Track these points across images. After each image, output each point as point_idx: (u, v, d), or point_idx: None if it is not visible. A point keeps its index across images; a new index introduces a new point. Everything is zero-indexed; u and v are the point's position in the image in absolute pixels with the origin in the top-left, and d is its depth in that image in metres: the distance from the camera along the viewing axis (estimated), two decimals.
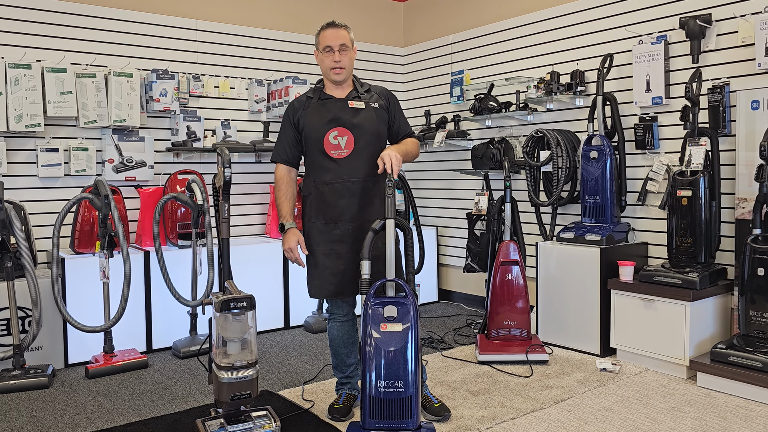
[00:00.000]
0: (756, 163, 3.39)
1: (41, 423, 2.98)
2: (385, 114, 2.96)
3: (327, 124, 2.85)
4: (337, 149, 2.85)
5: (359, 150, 2.85)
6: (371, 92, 2.98)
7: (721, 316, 3.64)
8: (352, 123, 2.86)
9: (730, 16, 3.66)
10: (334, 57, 2.84)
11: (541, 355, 3.73)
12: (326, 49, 2.86)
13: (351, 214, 2.85)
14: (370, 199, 2.89)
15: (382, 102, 2.96)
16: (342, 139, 2.85)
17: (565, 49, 4.57)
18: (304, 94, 2.99)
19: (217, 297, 2.65)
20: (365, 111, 2.90)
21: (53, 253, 3.60)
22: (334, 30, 2.87)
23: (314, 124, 2.87)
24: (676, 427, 2.83)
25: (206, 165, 4.81)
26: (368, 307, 2.60)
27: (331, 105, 2.89)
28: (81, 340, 3.83)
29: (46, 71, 4.05)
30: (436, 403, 2.97)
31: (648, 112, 4.06)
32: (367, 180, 2.86)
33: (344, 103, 2.89)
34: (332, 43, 2.84)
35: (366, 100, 2.93)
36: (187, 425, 2.91)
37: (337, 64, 2.85)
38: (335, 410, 2.94)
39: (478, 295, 5.31)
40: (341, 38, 2.86)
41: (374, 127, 2.89)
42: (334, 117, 2.86)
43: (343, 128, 2.85)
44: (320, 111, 2.88)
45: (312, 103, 2.91)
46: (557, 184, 4.26)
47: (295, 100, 2.98)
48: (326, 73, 2.90)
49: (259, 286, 4.50)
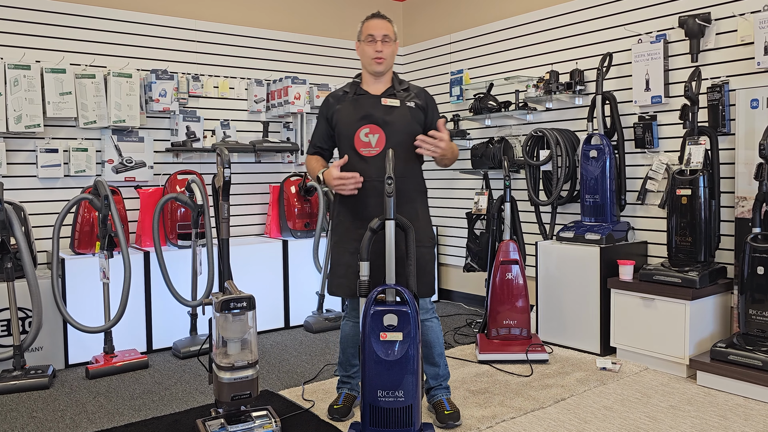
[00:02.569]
0: (755, 162, 3.39)
1: (42, 423, 2.98)
2: (421, 114, 2.87)
3: (359, 121, 2.79)
4: (367, 147, 2.78)
5: (390, 149, 2.75)
6: (409, 91, 2.89)
7: (721, 315, 3.65)
8: (384, 120, 2.78)
9: (729, 15, 3.66)
10: (376, 47, 2.78)
11: (541, 355, 3.74)
12: (368, 38, 2.80)
13: (379, 213, 2.75)
14: (399, 200, 2.81)
15: (419, 101, 2.87)
16: (373, 136, 2.78)
17: (564, 48, 4.57)
18: (341, 88, 2.93)
19: (217, 297, 2.65)
20: (399, 109, 2.82)
21: (53, 254, 3.60)
22: (380, 20, 2.83)
23: (346, 121, 2.82)
24: (676, 426, 2.84)
25: (206, 165, 4.81)
26: (368, 315, 2.52)
27: (364, 101, 2.83)
28: (81, 341, 3.83)
29: (46, 72, 4.05)
30: (448, 410, 2.88)
31: (647, 111, 4.06)
32: (397, 180, 2.77)
33: (378, 100, 2.82)
34: (375, 32, 2.79)
35: (402, 98, 2.84)
36: (187, 425, 2.91)
37: (378, 54, 2.78)
38: (335, 410, 2.93)
39: (478, 294, 5.31)
40: (385, 29, 2.81)
41: (407, 127, 2.81)
42: (367, 114, 2.79)
43: (375, 126, 2.78)
44: (353, 107, 2.82)
45: (347, 98, 2.86)
46: (557, 183, 4.26)
47: (330, 95, 2.93)
48: (367, 63, 2.83)
49: (259, 286, 4.50)
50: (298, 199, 4.78)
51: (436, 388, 2.98)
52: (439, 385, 2.98)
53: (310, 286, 4.79)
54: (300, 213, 4.78)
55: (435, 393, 2.97)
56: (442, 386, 2.98)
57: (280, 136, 5.17)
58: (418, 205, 2.90)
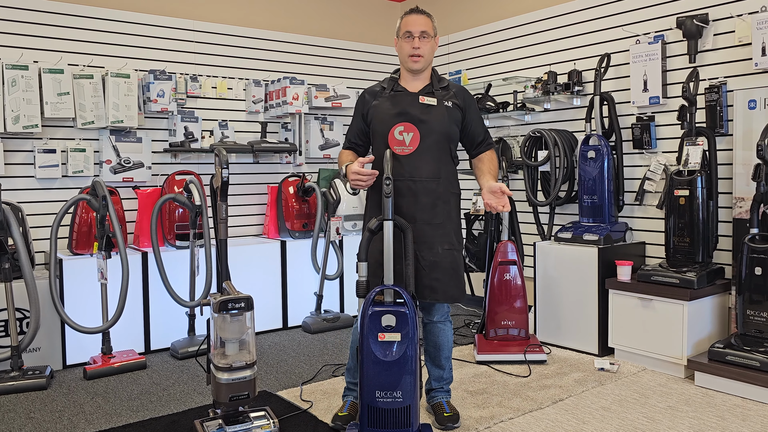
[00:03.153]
0: (753, 163, 3.39)
1: (39, 424, 2.97)
2: (459, 114, 2.79)
3: (394, 118, 2.71)
4: (401, 145, 2.70)
5: (425, 148, 2.70)
6: (448, 89, 2.81)
7: (719, 316, 3.65)
8: (420, 119, 2.70)
9: (726, 16, 3.67)
10: (413, 43, 2.70)
11: (539, 355, 3.74)
12: (406, 34, 2.72)
13: (410, 214, 2.69)
14: (432, 201, 2.72)
15: (458, 101, 2.79)
16: (408, 135, 2.70)
17: (562, 49, 4.57)
18: (378, 83, 2.85)
19: (216, 298, 2.65)
20: (437, 108, 2.73)
21: (51, 254, 3.60)
22: (418, 16, 2.73)
23: (381, 117, 2.74)
24: (674, 427, 2.84)
25: (204, 166, 4.81)
26: (366, 315, 2.50)
27: (401, 98, 2.75)
28: (79, 342, 3.83)
29: (44, 72, 4.04)
30: (447, 412, 2.86)
31: (645, 112, 4.07)
32: (430, 181, 2.72)
33: (415, 98, 2.74)
34: (413, 28, 2.70)
35: (440, 96, 2.76)
36: (185, 426, 2.91)
37: (416, 51, 2.70)
38: (339, 418, 2.84)
39: (477, 295, 5.31)
40: (424, 25, 2.72)
41: (444, 126, 2.73)
42: (402, 111, 2.71)
43: (410, 124, 2.70)
44: (390, 103, 2.74)
45: (384, 94, 2.78)
46: (555, 183, 4.27)
47: (366, 91, 2.85)
48: (404, 60, 2.76)
49: (258, 287, 4.50)
50: (296, 200, 4.77)
51: (437, 390, 2.96)
52: (440, 388, 2.96)
53: (308, 287, 4.78)
54: (298, 214, 4.77)
55: (435, 395, 2.95)
56: (444, 389, 2.97)
57: (279, 137, 5.17)
58: (451, 207, 2.82)
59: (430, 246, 2.72)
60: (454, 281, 2.76)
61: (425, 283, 2.72)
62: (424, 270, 2.71)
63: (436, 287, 2.72)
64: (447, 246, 2.75)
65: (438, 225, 2.74)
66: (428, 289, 2.73)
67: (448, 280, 2.75)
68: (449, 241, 2.76)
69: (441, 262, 2.72)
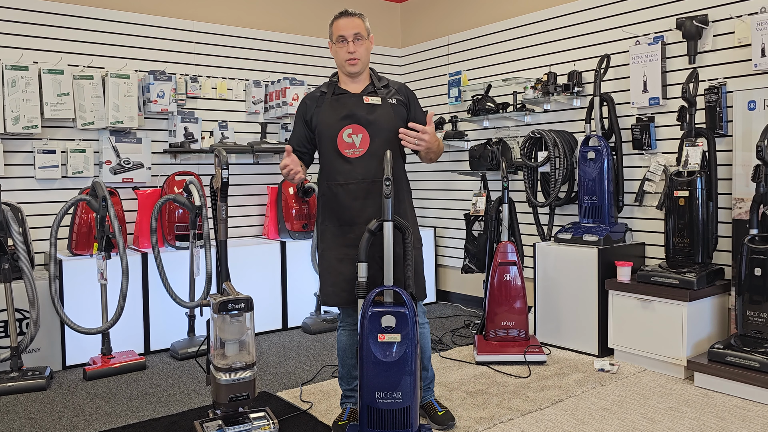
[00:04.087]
0: (753, 164, 3.39)
1: (39, 425, 2.97)
2: (404, 110, 2.78)
3: (340, 121, 2.69)
4: (351, 148, 2.68)
5: (375, 149, 2.68)
6: (389, 87, 2.79)
7: (719, 316, 3.65)
8: (367, 120, 2.68)
9: (726, 17, 3.67)
10: (348, 48, 2.67)
11: (539, 356, 3.74)
12: (340, 39, 2.69)
13: (366, 216, 2.67)
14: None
15: (401, 98, 2.78)
16: (356, 137, 2.68)
17: (562, 50, 4.57)
18: (318, 89, 2.81)
19: (215, 298, 2.65)
20: (382, 107, 2.72)
21: (51, 255, 3.60)
22: (348, 19, 2.70)
23: (327, 121, 2.71)
24: (673, 427, 2.84)
25: (204, 166, 4.81)
26: (366, 316, 2.50)
27: (345, 100, 2.72)
28: (79, 342, 3.83)
29: (43, 73, 4.04)
30: (440, 411, 2.89)
31: (645, 113, 4.07)
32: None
33: (359, 99, 2.72)
34: (346, 32, 2.68)
35: (383, 95, 2.74)
36: (185, 427, 2.91)
37: (351, 55, 2.68)
38: (339, 427, 2.81)
39: (476, 295, 5.31)
40: (355, 27, 2.69)
41: (391, 125, 2.71)
42: (349, 113, 2.69)
43: (358, 125, 2.68)
44: (334, 107, 2.72)
45: (326, 98, 2.75)
46: (555, 184, 4.27)
47: (307, 97, 2.81)
48: (341, 65, 2.73)
49: (257, 288, 4.50)
50: (296, 201, 4.77)
51: (424, 390, 2.97)
52: (427, 387, 2.97)
53: (308, 288, 4.78)
54: (298, 214, 4.77)
55: (424, 395, 2.96)
56: (430, 388, 2.98)
57: (278, 138, 5.17)
58: (407, 205, 2.82)
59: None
60: (417, 281, 2.74)
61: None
62: (381, 272, 2.68)
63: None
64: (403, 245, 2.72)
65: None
66: None
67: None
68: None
69: (398, 263, 2.68)
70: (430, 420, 2.89)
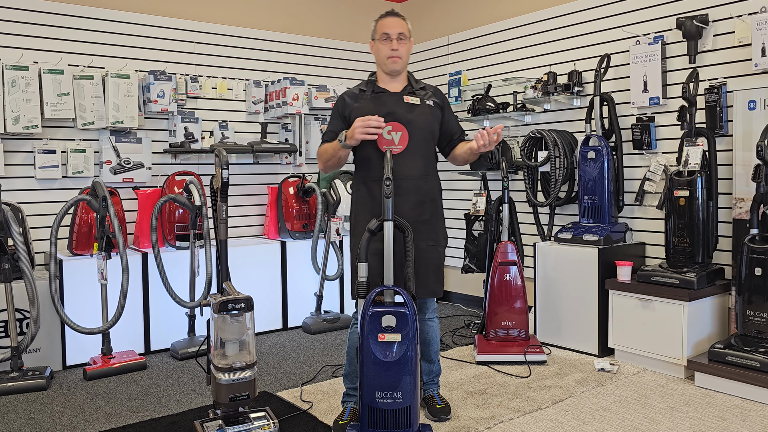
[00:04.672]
0: (753, 163, 3.39)
1: (39, 425, 2.97)
2: (439, 113, 2.89)
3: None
4: (390, 144, 2.74)
5: (413, 147, 2.76)
6: (426, 89, 2.90)
7: (719, 316, 3.65)
8: (407, 118, 2.76)
9: (726, 17, 3.67)
10: (391, 45, 2.77)
11: (539, 356, 3.74)
12: (383, 37, 2.78)
13: (401, 213, 2.73)
14: (421, 198, 2.79)
15: (437, 100, 2.89)
16: (396, 134, 2.75)
17: (562, 50, 4.57)
18: (356, 86, 2.90)
19: (216, 298, 2.65)
20: (420, 107, 2.81)
21: (51, 255, 3.60)
22: (394, 18, 2.80)
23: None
24: (674, 427, 2.84)
25: (204, 166, 4.81)
26: (366, 315, 2.51)
27: (385, 99, 2.80)
28: (79, 342, 3.83)
29: (44, 73, 4.04)
30: (440, 404, 2.93)
31: (645, 113, 4.07)
32: (419, 178, 2.78)
33: (399, 98, 2.80)
34: (390, 30, 2.77)
35: (421, 96, 2.84)
36: (185, 427, 2.91)
37: (394, 53, 2.76)
38: (339, 426, 2.81)
39: (477, 295, 5.31)
40: (401, 27, 2.79)
41: (428, 125, 2.82)
42: (390, 111, 2.76)
43: (399, 123, 2.75)
44: (374, 104, 2.79)
45: (365, 96, 2.82)
46: (555, 184, 4.27)
47: (345, 93, 2.88)
48: (382, 62, 2.81)
49: (258, 288, 4.50)
50: (296, 201, 4.77)
51: (428, 383, 3.02)
52: (431, 381, 3.02)
53: (308, 288, 4.78)
54: (298, 214, 4.77)
55: (427, 388, 3.02)
56: (434, 382, 3.03)
57: (279, 138, 5.17)
58: (438, 204, 2.90)
59: (416, 242, 2.76)
60: (435, 277, 2.83)
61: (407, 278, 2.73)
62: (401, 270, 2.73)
63: (417, 282, 2.77)
64: (431, 242, 2.82)
65: (425, 221, 2.81)
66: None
67: (431, 275, 2.81)
68: (434, 238, 2.84)
69: (424, 258, 2.78)
70: (427, 411, 2.93)
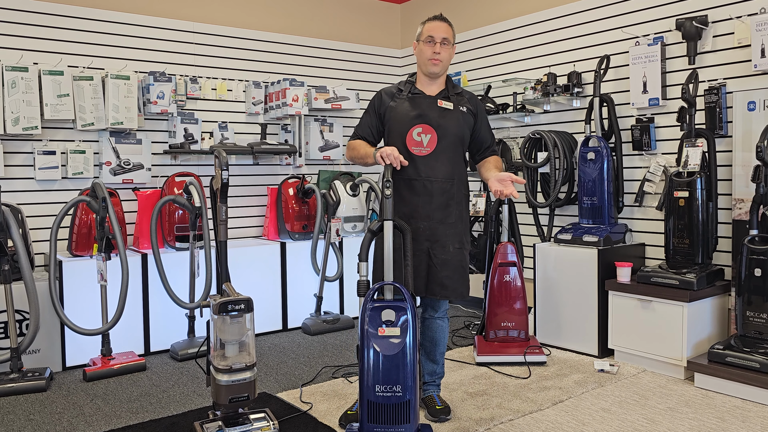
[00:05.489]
0: (752, 164, 3.39)
1: (39, 426, 2.97)
2: (471, 120, 2.93)
3: (413, 120, 2.83)
4: (418, 146, 2.81)
5: (441, 150, 2.82)
6: (462, 96, 2.94)
7: (719, 317, 3.65)
8: (437, 122, 2.82)
9: (726, 18, 3.67)
10: (434, 48, 2.82)
11: (539, 357, 3.74)
12: (428, 39, 2.84)
13: (425, 213, 2.81)
14: (446, 201, 2.84)
15: (471, 107, 2.93)
16: (425, 136, 2.81)
17: (562, 51, 4.58)
18: (395, 85, 2.96)
19: (215, 299, 2.65)
20: (453, 112, 2.86)
21: (50, 256, 3.60)
22: (440, 22, 2.87)
23: (400, 118, 2.85)
24: (673, 428, 2.84)
25: (204, 167, 4.81)
26: (366, 310, 2.55)
27: (419, 101, 2.87)
28: (78, 343, 3.83)
29: (43, 74, 4.04)
30: (439, 405, 2.94)
31: (645, 114, 4.07)
32: (444, 181, 2.83)
33: (433, 101, 2.86)
34: (436, 33, 2.83)
35: (455, 102, 2.89)
36: (185, 428, 2.91)
37: (436, 56, 2.82)
38: (346, 416, 2.86)
39: (476, 296, 5.30)
40: (446, 32, 2.85)
41: (459, 130, 2.86)
42: (421, 113, 2.83)
43: (428, 126, 2.82)
44: (408, 105, 2.86)
45: (402, 95, 2.89)
46: (555, 185, 4.27)
47: (383, 90, 2.96)
48: (423, 63, 2.87)
49: (257, 289, 4.50)
50: (296, 202, 4.77)
51: (429, 384, 3.03)
52: (433, 382, 3.04)
53: (308, 289, 4.78)
54: (298, 215, 4.77)
55: (427, 388, 3.03)
56: (436, 383, 3.05)
57: (278, 138, 5.17)
58: (463, 207, 2.94)
59: (443, 245, 2.83)
60: (462, 279, 2.90)
61: (437, 281, 2.83)
62: (436, 267, 2.82)
63: (447, 284, 2.83)
64: (458, 245, 2.87)
65: (451, 224, 2.86)
66: (439, 286, 2.83)
67: (458, 277, 2.87)
68: (460, 240, 2.89)
69: (452, 261, 2.84)
70: (427, 412, 2.94)
